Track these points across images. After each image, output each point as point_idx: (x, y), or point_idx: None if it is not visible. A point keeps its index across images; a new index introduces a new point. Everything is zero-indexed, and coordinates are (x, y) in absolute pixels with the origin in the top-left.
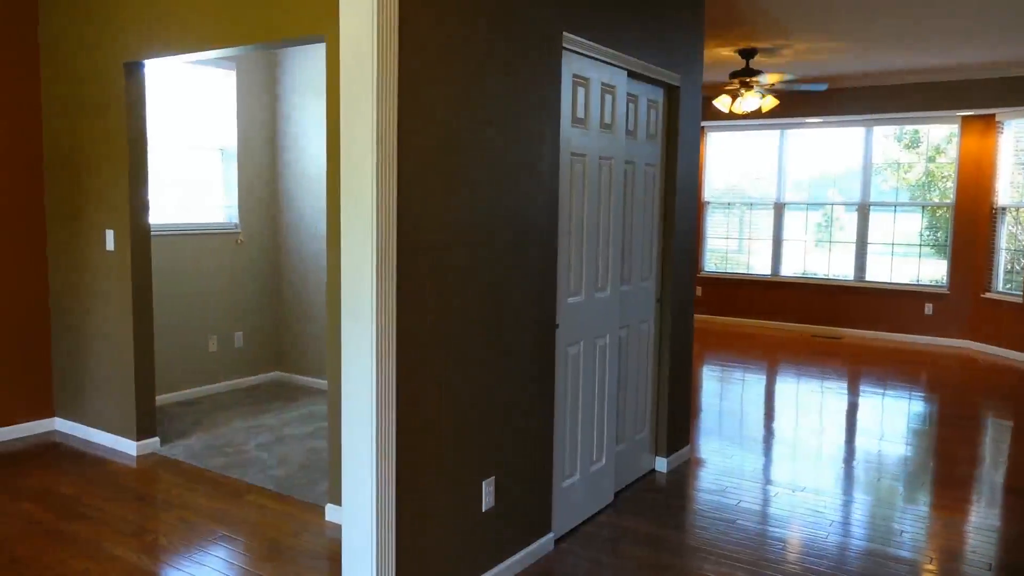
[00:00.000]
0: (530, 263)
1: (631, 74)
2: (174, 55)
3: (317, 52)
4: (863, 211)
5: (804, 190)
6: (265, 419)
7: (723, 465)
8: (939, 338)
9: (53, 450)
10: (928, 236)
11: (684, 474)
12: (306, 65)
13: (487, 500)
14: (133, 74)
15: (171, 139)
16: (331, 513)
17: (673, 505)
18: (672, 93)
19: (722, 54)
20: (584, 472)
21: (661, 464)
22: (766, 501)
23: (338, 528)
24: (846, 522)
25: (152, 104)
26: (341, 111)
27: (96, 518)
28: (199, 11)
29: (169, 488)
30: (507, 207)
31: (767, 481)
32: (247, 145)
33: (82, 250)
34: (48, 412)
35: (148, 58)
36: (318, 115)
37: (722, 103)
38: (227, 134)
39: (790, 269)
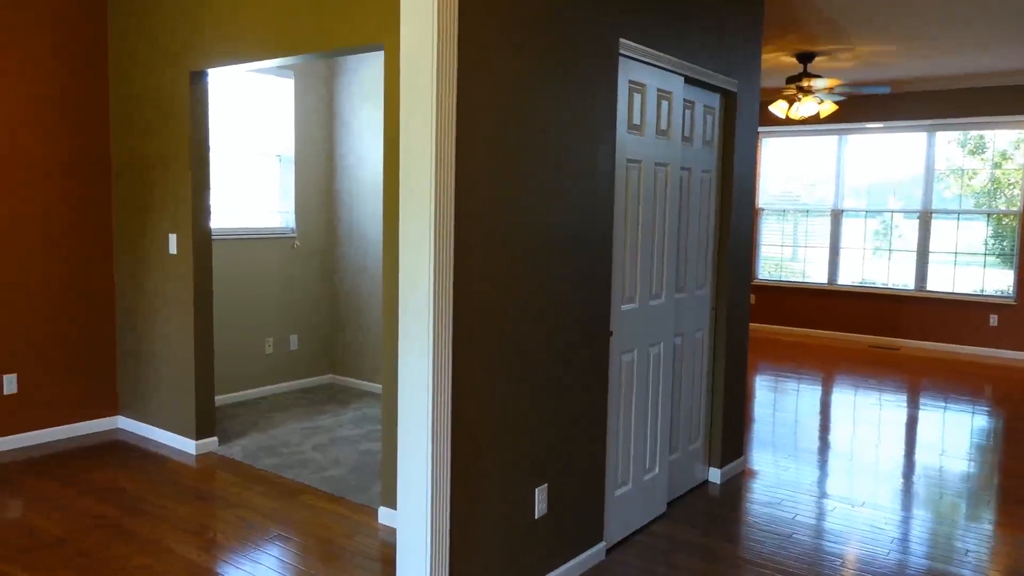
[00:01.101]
0: (585, 270)
1: (688, 80)
2: (237, 64)
3: (372, 60)
4: (925, 219)
5: (862, 197)
6: (319, 421)
7: (777, 477)
8: (1005, 351)
9: (116, 447)
10: (994, 245)
11: (738, 486)
12: (361, 73)
13: (539, 507)
14: (198, 83)
15: (231, 145)
16: (384, 516)
17: (727, 517)
18: (729, 99)
19: (779, 59)
20: (637, 481)
21: (715, 475)
22: (823, 515)
23: (391, 531)
24: (907, 539)
25: (213, 111)
26: (400, 117)
27: (157, 515)
28: (262, 21)
29: (227, 487)
30: (563, 213)
31: (823, 495)
32: (304, 151)
33: (146, 253)
34: (112, 410)
35: (212, 67)
36: (373, 121)
37: (778, 108)
38: (284, 141)
39: (847, 277)
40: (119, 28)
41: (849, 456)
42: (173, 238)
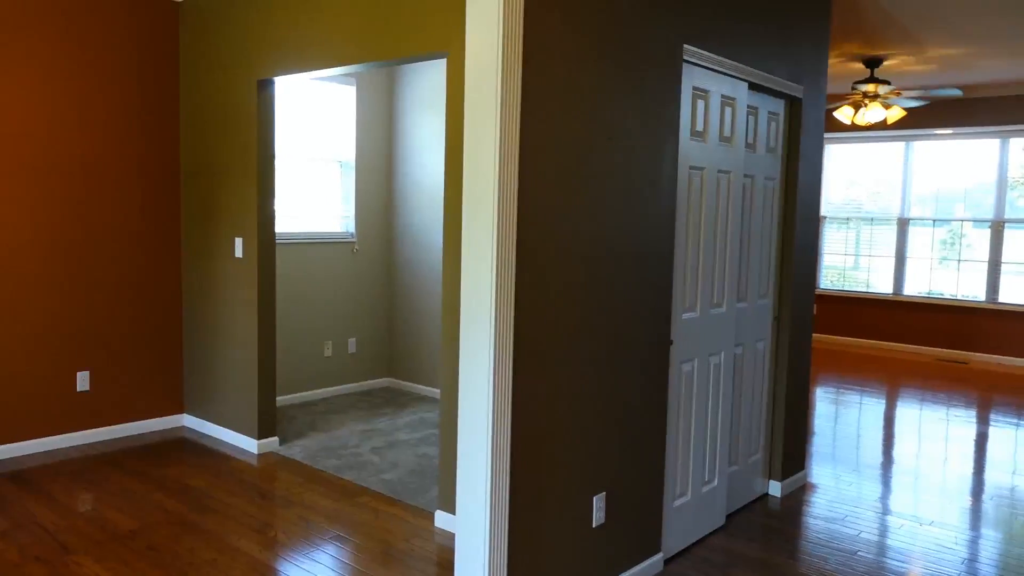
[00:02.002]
0: (646, 277)
1: (752, 86)
2: (303, 72)
3: (431, 67)
4: (996, 228)
5: (929, 205)
6: (377, 424)
7: (839, 492)
8: None
9: (182, 445)
10: None
11: (799, 500)
12: (422, 80)
13: (598, 516)
14: (264, 90)
15: (294, 152)
16: (441, 520)
17: (788, 532)
18: (794, 105)
19: (845, 63)
20: (696, 492)
21: (775, 488)
22: (889, 533)
23: (448, 535)
24: (977, 560)
25: (278, 118)
26: (465, 124)
27: (222, 511)
28: (328, 31)
29: (287, 486)
30: (625, 220)
31: (888, 511)
32: (364, 157)
33: (213, 256)
34: (178, 409)
35: (279, 75)
36: (433, 128)
37: (843, 114)
38: (346, 147)
39: (913, 288)
40: (189, 39)
41: (915, 472)
42: (239, 242)
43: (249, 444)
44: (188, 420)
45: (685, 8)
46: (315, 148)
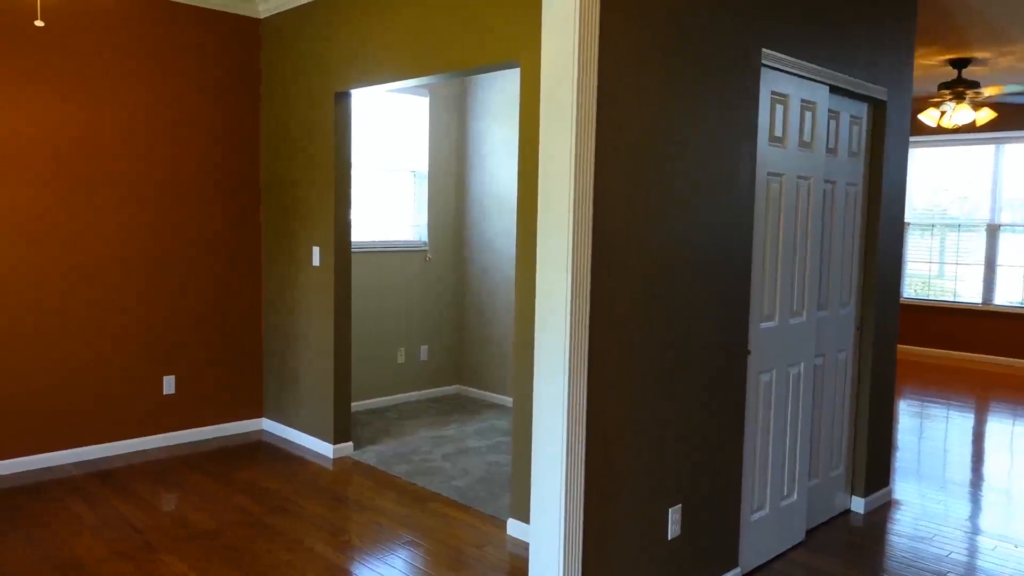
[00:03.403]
0: (723, 286)
1: (833, 89)
2: (379, 84)
3: (502, 77)
4: None
5: (1020, 210)
6: (448, 431)
7: (926, 510)
8: None
9: (260, 448)
10: None
11: (883, 517)
12: (492, 90)
13: (672, 528)
14: (341, 102)
15: (369, 162)
16: (513, 528)
17: (872, 549)
18: (877, 108)
19: (930, 65)
20: (774, 506)
21: (858, 504)
22: (980, 554)
23: (519, 543)
24: None
25: (354, 130)
26: (540, 131)
27: (297, 514)
28: (403, 44)
29: (361, 491)
30: (701, 228)
31: (978, 531)
32: (437, 167)
33: (291, 265)
34: (258, 413)
35: (355, 88)
36: (503, 137)
37: (929, 117)
38: (419, 157)
39: (1004, 297)
40: (270, 54)
41: (1007, 491)
42: (316, 251)
43: (325, 449)
44: (267, 424)
45: (764, 12)
46: (389, 158)
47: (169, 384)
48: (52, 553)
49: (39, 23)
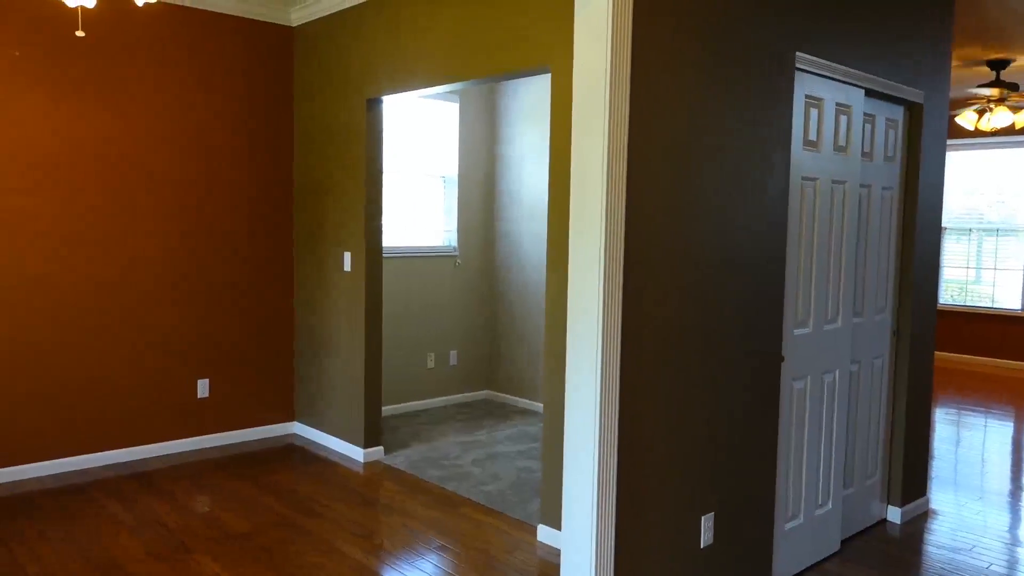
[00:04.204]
0: (756, 292)
1: (868, 92)
2: (411, 90)
3: (531, 83)
4: None
5: None
6: (477, 436)
7: (964, 520)
8: None
9: (292, 451)
10: None
11: (920, 527)
12: (521, 95)
13: (705, 536)
14: (373, 109)
15: (400, 167)
16: (543, 534)
17: (909, 560)
18: (914, 111)
19: (968, 66)
20: (808, 515)
21: (894, 514)
22: (1022, 566)
23: (550, 549)
24: None
25: (385, 135)
26: (572, 136)
27: (329, 517)
28: (434, 50)
29: (392, 495)
30: (734, 233)
31: (1019, 543)
32: (466, 172)
33: (323, 270)
34: (289, 416)
35: (387, 94)
36: (532, 142)
37: (967, 120)
38: (449, 162)
39: None
40: (302, 62)
41: None
42: (347, 256)
43: (356, 453)
44: (298, 428)
45: (798, 15)
46: (419, 164)
47: (203, 387)
48: (91, 553)
49: (80, 33)
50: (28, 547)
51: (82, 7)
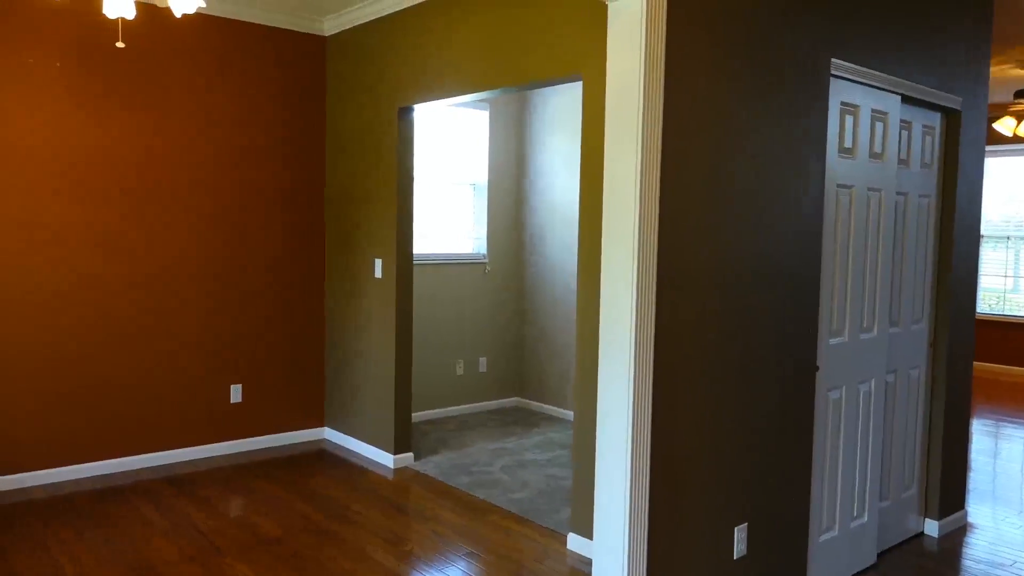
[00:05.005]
0: (790, 300)
1: (904, 99)
2: (442, 99)
3: (561, 91)
4: None
5: None
6: (506, 443)
7: (1003, 534)
8: None
9: (323, 457)
10: None
11: (958, 541)
12: (550, 103)
13: (738, 548)
14: (404, 117)
15: (430, 175)
16: (573, 542)
17: (946, 575)
18: (951, 118)
19: (1006, 72)
20: (843, 527)
21: (931, 527)
22: None
23: (580, 558)
24: None
25: (416, 143)
26: (605, 145)
27: (359, 523)
28: (464, 59)
29: (421, 501)
30: (768, 241)
31: None
32: (496, 180)
33: (354, 277)
34: (319, 422)
35: (418, 103)
36: (561, 150)
37: (1005, 126)
38: (479, 170)
39: None
40: (335, 70)
41: None
42: (379, 263)
43: (386, 459)
44: (329, 433)
45: (833, 21)
46: (450, 171)
47: (236, 393)
48: (126, 555)
49: (120, 44)
50: (67, 548)
51: (123, 19)
